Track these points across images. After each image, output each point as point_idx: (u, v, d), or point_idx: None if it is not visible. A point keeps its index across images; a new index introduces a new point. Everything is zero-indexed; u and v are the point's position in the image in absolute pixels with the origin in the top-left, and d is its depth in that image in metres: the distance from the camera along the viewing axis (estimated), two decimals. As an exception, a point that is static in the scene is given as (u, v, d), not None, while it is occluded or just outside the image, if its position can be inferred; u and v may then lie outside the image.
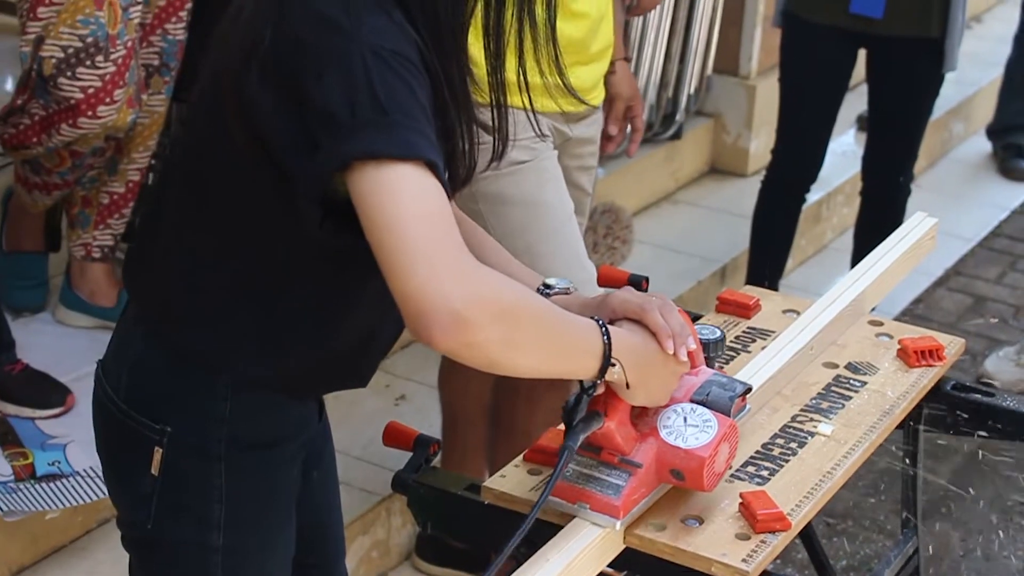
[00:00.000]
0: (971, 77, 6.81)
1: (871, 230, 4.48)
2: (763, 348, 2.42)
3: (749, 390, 2.08)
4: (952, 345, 2.50)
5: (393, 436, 2.29)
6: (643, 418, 2.01)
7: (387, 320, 2.05)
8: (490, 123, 1.99)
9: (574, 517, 2.00)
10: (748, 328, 2.54)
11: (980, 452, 4.30)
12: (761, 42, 5.84)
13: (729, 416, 2.00)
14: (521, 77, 1.94)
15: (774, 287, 4.47)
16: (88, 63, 3.54)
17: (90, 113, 3.56)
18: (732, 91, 5.90)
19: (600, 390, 1.92)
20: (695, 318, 2.59)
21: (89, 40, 3.53)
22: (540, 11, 1.92)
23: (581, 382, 1.92)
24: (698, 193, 5.81)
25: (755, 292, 2.65)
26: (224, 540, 2.05)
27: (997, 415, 2.45)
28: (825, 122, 4.59)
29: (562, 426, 2.17)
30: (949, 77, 4.49)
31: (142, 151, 3.90)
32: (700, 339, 2.02)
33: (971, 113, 6.93)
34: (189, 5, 3.84)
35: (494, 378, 3.19)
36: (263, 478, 2.06)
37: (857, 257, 4.56)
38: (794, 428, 2.25)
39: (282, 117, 1.81)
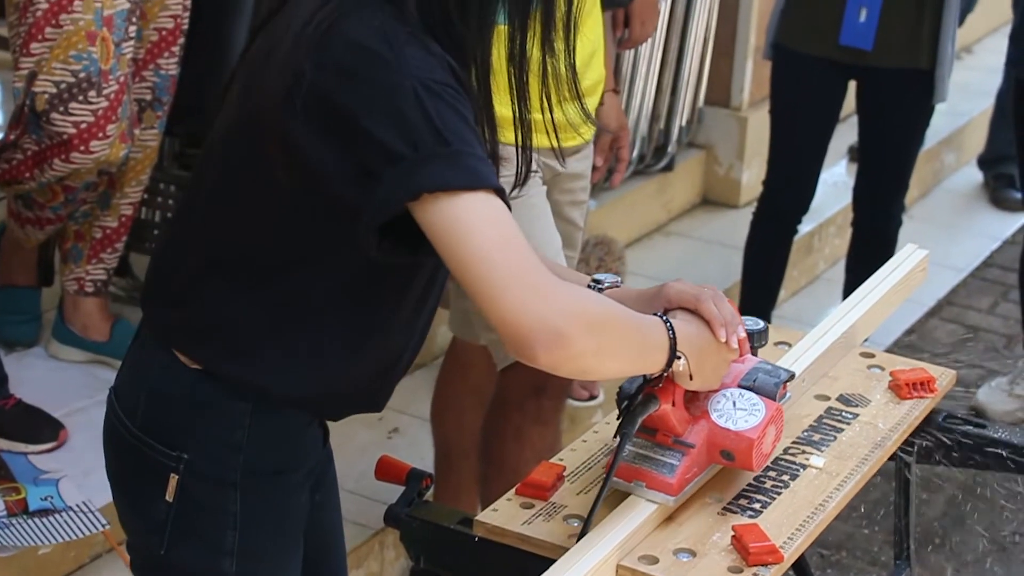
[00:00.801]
0: (962, 107, 6.83)
1: (863, 261, 4.48)
2: (755, 381, 2.42)
3: (792, 377, 2.20)
4: (943, 377, 2.51)
5: (385, 470, 2.29)
6: (694, 402, 2.11)
7: (409, 347, 2.11)
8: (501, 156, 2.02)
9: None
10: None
11: (974, 482, 4.31)
12: (752, 74, 5.86)
13: (775, 401, 2.11)
14: (546, 106, 2.00)
15: (766, 318, 4.47)
16: (81, 98, 3.55)
17: (83, 148, 3.57)
18: (724, 123, 5.92)
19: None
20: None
21: (82, 75, 3.54)
22: (560, 40, 1.98)
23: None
24: (690, 224, 5.82)
25: (746, 325, 2.64)
26: (236, 566, 2.08)
27: (989, 446, 2.45)
28: (816, 153, 4.61)
29: (553, 460, 2.19)
30: (940, 107, 4.50)
31: (134, 185, 3.92)
32: (746, 329, 2.11)
33: (962, 143, 6.95)
34: (181, 40, 3.86)
35: (487, 412, 3.20)
36: (276, 504, 2.09)
37: (849, 288, 4.57)
38: (786, 461, 2.25)
39: (330, 149, 1.85)
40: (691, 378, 2.02)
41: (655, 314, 2.00)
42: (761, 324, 2.26)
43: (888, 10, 4.29)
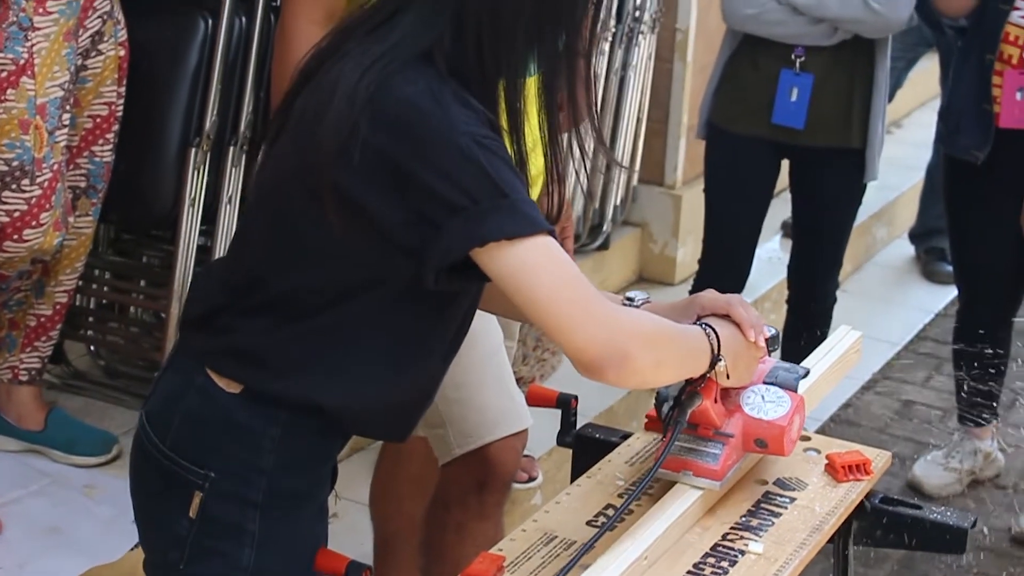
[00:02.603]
0: (893, 182, 6.90)
1: (798, 338, 4.51)
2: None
3: (808, 373, 2.47)
4: (879, 459, 2.52)
5: (324, 563, 2.28)
6: (728, 398, 2.35)
7: (440, 376, 2.26)
8: None
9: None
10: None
11: (911, 559, 4.32)
12: (686, 152, 5.91)
13: (797, 393, 2.37)
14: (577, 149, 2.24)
15: (703, 396, 4.48)
16: (14, 187, 3.54)
17: (16, 237, 3.56)
18: (658, 201, 5.96)
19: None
20: (624, 436, 2.63)
21: (15, 164, 3.53)
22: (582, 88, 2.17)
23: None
24: (627, 302, 5.82)
25: (683, 409, 2.66)
26: None
27: (924, 528, 2.47)
28: (751, 231, 4.64)
29: (493, 551, 2.20)
30: (871, 183, 4.55)
31: (69, 273, 3.90)
32: None
33: (894, 218, 7.02)
34: (116, 127, 3.86)
35: (427, 499, 3.18)
36: (292, 528, 2.20)
37: (785, 365, 4.59)
38: (725, 547, 2.25)
39: (387, 199, 2.01)
40: (727, 376, 2.25)
41: (695, 323, 2.26)
42: (774, 330, 2.43)
43: (819, 90, 4.35)
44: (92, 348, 4.48)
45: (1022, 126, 4.32)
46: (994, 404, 4.78)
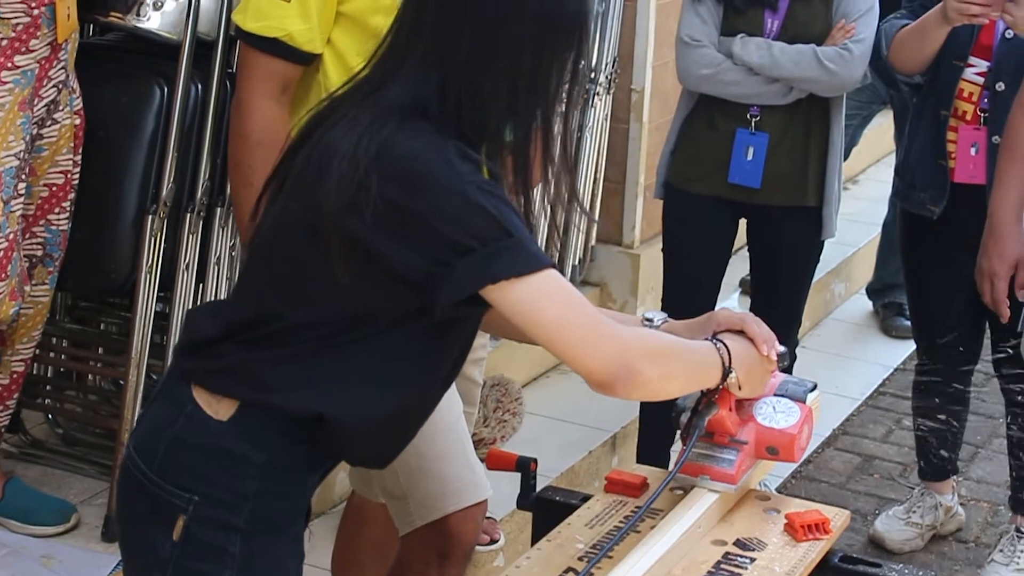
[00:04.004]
0: (850, 238, 6.93)
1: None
2: (652, 527, 2.43)
3: (816, 387, 2.63)
4: (838, 518, 2.53)
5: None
6: (741, 408, 2.53)
7: (433, 404, 2.41)
8: None
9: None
10: (637, 507, 2.54)
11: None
12: (643, 211, 5.93)
13: (806, 404, 2.54)
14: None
15: (665, 457, 4.47)
16: (-30, 257, 3.52)
17: (-29, 307, 3.55)
18: (616, 260, 5.98)
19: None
20: (584, 498, 2.63)
21: (-30, 234, 3.52)
22: (560, 156, 2.32)
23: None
24: (587, 362, 5.81)
25: (643, 471, 2.67)
26: None
27: (884, 586, 2.47)
28: (710, 290, 4.65)
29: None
30: (828, 239, 4.57)
31: (26, 342, 3.89)
32: None
33: (851, 273, 7.05)
34: (72, 196, 3.86)
35: (389, 564, 3.17)
36: (272, 552, 2.30)
37: (745, 422, 4.60)
38: (685, 609, 2.26)
39: (398, 245, 2.15)
40: (740, 388, 2.42)
41: (707, 338, 2.41)
42: (783, 348, 2.54)
43: (775, 149, 4.37)
44: (50, 416, 4.46)
45: (976, 181, 4.34)
46: (954, 458, 4.79)
